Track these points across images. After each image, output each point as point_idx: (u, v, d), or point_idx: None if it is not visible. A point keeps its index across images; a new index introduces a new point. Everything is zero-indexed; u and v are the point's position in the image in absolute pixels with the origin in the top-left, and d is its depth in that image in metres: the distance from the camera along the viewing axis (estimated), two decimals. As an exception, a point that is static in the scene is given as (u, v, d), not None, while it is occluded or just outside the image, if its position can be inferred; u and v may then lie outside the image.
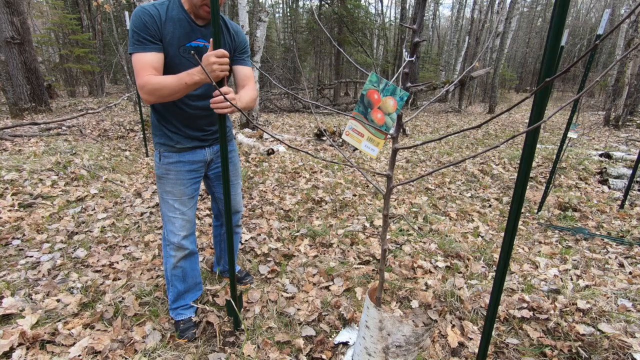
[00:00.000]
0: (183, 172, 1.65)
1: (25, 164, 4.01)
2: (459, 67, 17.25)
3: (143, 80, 1.37)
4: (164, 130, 1.61)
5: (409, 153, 5.95)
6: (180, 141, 1.62)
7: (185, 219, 1.69)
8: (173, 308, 1.80)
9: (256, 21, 7.24)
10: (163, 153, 1.62)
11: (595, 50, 3.82)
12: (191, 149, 1.66)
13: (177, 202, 1.66)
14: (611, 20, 15.86)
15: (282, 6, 22.91)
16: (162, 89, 1.36)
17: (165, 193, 1.65)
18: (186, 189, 1.67)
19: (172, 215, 1.66)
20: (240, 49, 1.64)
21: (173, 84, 1.35)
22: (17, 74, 7.54)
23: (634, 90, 8.63)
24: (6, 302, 1.87)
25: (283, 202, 3.48)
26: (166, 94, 1.38)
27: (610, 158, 5.07)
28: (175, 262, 1.71)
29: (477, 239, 2.88)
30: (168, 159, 1.62)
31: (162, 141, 1.62)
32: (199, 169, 1.72)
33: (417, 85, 9.52)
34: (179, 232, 1.68)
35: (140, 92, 1.40)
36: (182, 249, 1.70)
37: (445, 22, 34.16)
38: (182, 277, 1.77)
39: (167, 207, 1.67)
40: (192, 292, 1.84)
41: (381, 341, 1.12)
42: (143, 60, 1.38)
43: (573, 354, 1.64)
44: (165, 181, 1.64)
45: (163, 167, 1.63)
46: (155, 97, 1.39)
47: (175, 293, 1.78)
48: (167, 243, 1.71)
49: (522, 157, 0.95)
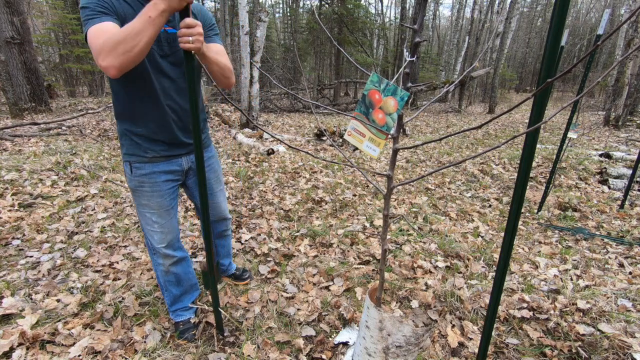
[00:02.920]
0: (159, 182, 1.52)
1: (25, 164, 4.01)
2: (459, 67, 17.25)
3: (100, 42, 1.12)
4: (132, 138, 1.45)
5: (409, 153, 5.95)
6: (152, 148, 1.47)
7: (165, 231, 1.58)
8: (172, 310, 1.78)
9: (256, 21, 7.24)
10: (134, 164, 1.47)
11: (596, 51, 3.80)
12: (166, 158, 1.52)
13: (155, 214, 1.54)
14: (611, 21, 15.87)
15: (282, 6, 22.92)
16: (126, 39, 1.10)
17: (142, 206, 1.53)
18: (164, 201, 1.55)
19: (150, 228, 1.56)
20: (206, 27, 1.49)
21: (136, 25, 1.10)
22: (17, 74, 7.54)
23: (634, 90, 8.63)
24: (6, 302, 1.87)
25: (283, 202, 3.48)
26: (132, 45, 1.11)
27: (610, 158, 5.07)
28: (165, 269, 1.65)
29: (477, 239, 2.88)
30: (140, 170, 1.48)
31: (130, 151, 1.47)
32: (176, 179, 1.60)
33: (417, 85, 9.49)
34: (160, 244, 1.59)
35: (102, 61, 1.13)
36: (169, 257, 1.63)
37: (445, 22, 34.16)
38: (176, 282, 1.71)
39: (144, 220, 1.56)
40: (189, 294, 1.81)
41: (381, 341, 1.12)
42: (99, 29, 1.16)
43: (573, 354, 1.64)
44: (140, 194, 1.51)
45: (136, 179, 1.49)
46: (121, 57, 1.12)
47: (172, 297, 1.73)
48: (152, 251, 1.63)
49: (522, 157, 0.95)
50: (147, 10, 1.10)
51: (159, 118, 1.45)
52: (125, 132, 1.45)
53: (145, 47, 1.14)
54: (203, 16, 1.49)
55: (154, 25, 1.11)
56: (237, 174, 4.27)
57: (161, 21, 1.12)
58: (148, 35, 1.12)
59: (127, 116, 1.43)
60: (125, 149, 1.48)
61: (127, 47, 1.11)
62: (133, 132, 1.44)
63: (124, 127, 1.45)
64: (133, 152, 1.46)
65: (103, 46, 1.11)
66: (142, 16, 1.10)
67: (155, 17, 1.10)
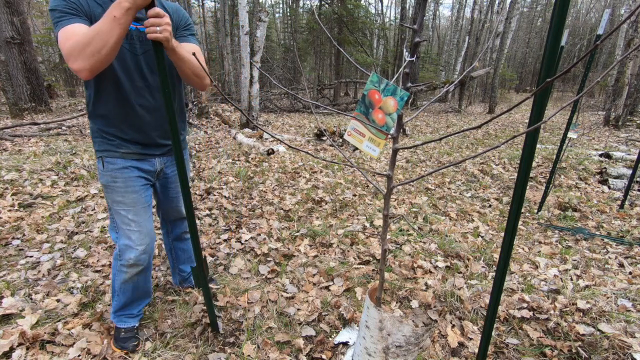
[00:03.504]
0: (132, 178, 1.47)
1: (25, 164, 4.01)
2: (459, 67, 17.26)
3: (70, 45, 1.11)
4: (104, 136, 1.42)
5: (409, 153, 5.95)
6: (126, 146, 1.44)
7: (143, 231, 1.51)
8: (116, 314, 1.66)
9: (256, 21, 7.24)
10: (105, 159, 1.43)
11: (595, 51, 3.83)
12: (139, 156, 1.48)
13: (131, 212, 1.48)
14: (611, 20, 15.87)
15: (282, 6, 22.92)
16: (93, 41, 1.09)
17: (116, 204, 1.47)
18: (139, 197, 1.50)
19: (127, 228, 1.48)
20: (182, 26, 1.47)
21: (102, 26, 1.09)
22: (17, 74, 7.54)
23: (634, 90, 8.63)
24: (6, 302, 1.87)
25: (283, 202, 3.48)
26: (100, 46, 1.10)
27: (610, 158, 5.07)
28: (127, 277, 1.57)
29: (477, 239, 2.88)
30: (112, 165, 1.43)
31: (102, 148, 1.43)
32: (148, 178, 1.56)
33: (417, 85, 9.50)
34: (138, 245, 1.50)
35: (73, 64, 1.12)
36: (138, 265, 1.54)
37: (445, 22, 34.16)
38: (133, 289, 1.63)
39: (120, 219, 1.48)
40: (140, 300, 1.71)
41: (381, 341, 1.12)
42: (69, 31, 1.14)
43: (573, 354, 1.64)
44: (112, 190, 1.45)
45: (107, 174, 1.44)
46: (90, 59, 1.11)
47: (122, 302, 1.64)
48: (118, 258, 1.54)
49: (522, 157, 0.95)
50: (111, 10, 1.08)
51: (132, 119, 1.41)
52: (97, 130, 1.42)
53: (114, 47, 1.12)
54: (178, 15, 1.47)
55: (121, 25, 1.09)
56: (237, 174, 4.27)
57: (127, 20, 1.09)
58: (115, 35, 1.10)
59: (99, 116, 1.40)
60: (98, 146, 1.44)
61: (95, 48, 1.09)
62: (104, 131, 1.41)
63: (96, 126, 1.42)
64: (105, 148, 1.43)
65: (72, 49, 1.10)
66: (107, 16, 1.08)
67: (121, 15, 1.07)
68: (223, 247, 2.63)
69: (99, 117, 1.40)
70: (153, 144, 1.50)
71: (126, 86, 1.35)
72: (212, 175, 4.19)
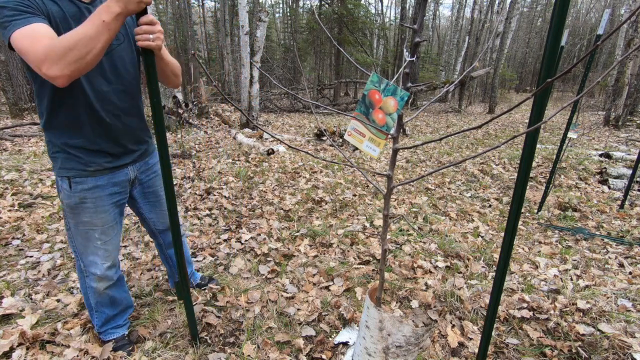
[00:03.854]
0: (104, 197, 1.35)
1: (25, 164, 4.02)
2: (459, 67, 17.26)
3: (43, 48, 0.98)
4: (68, 151, 1.26)
5: (409, 153, 5.95)
6: (94, 160, 1.30)
7: (109, 248, 1.43)
8: (101, 331, 1.61)
9: (256, 21, 7.24)
10: (73, 179, 1.28)
11: (595, 51, 3.81)
12: (110, 170, 1.35)
13: (98, 231, 1.38)
14: (611, 21, 15.87)
15: (282, 6, 22.92)
16: (78, 45, 0.98)
17: (82, 224, 1.35)
18: (109, 216, 1.39)
19: (92, 246, 1.40)
20: None
21: (88, 30, 0.99)
22: (17, 74, 7.55)
23: (634, 90, 8.63)
24: (6, 302, 1.87)
25: (283, 202, 3.48)
26: (85, 52, 1.00)
27: (610, 158, 5.07)
28: (100, 291, 1.50)
29: (477, 239, 2.88)
30: (82, 185, 1.30)
31: (68, 166, 1.27)
32: (122, 190, 1.44)
33: (417, 85, 9.50)
34: (104, 262, 1.43)
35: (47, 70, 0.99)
36: (106, 279, 1.47)
37: (445, 22, 34.17)
38: (110, 303, 1.56)
39: (84, 239, 1.38)
40: (122, 313, 1.65)
41: (381, 341, 1.12)
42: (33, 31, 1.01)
43: (573, 354, 1.64)
44: (80, 211, 1.33)
45: (76, 195, 1.30)
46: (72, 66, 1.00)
47: (104, 318, 1.58)
48: (85, 274, 1.46)
49: (522, 157, 0.95)
50: (99, 14, 1.00)
51: (98, 126, 1.28)
52: (59, 145, 1.27)
53: (99, 53, 1.04)
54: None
55: (109, 30, 1.01)
56: (237, 174, 4.27)
57: (117, 25, 1.02)
58: (103, 40, 1.02)
59: (59, 126, 1.25)
60: (61, 163, 1.28)
61: (80, 54, 0.99)
62: (69, 145, 1.26)
63: (56, 139, 1.26)
64: (72, 166, 1.28)
65: (48, 53, 0.98)
66: (95, 20, 1.00)
67: (110, 21, 1.00)
68: (223, 247, 2.63)
69: (60, 128, 1.25)
70: (124, 152, 1.40)
71: (87, 91, 1.23)
72: (212, 175, 4.19)
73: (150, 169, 1.57)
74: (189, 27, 14.57)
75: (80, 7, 1.18)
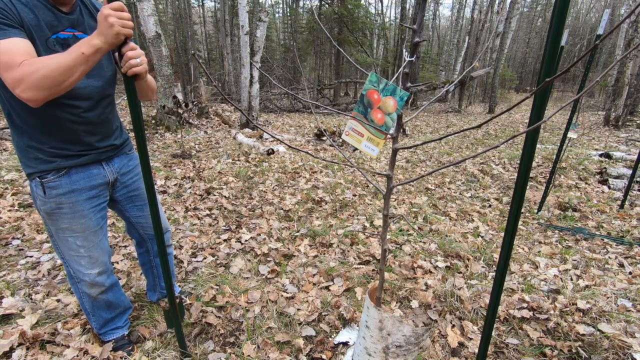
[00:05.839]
0: (81, 202, 1.31)
1: (25, 164, 4.01)
2: (459, 67, 17.26)
3: (20, 71, 0.99)
4: (37, 154, 1.23)
5: (409, 153, 5.95)
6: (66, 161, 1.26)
7: (94, 255, 1.38)
8: (101, 333, 1.60)
9: (256, 21, 7.24)
10: (47, 184, 1.24)
11: (595, 50, 3.83)
12: (82, 166, 1.30)
13: (80, 238, 1.33)
14: (611, 20, 15.86)
15: (282, 6, 22.93)
16: (53, 74, 1.00)
17: (61, 231, 1.31)
18: (89, 221, 1.34)
19: (75, 254, 1.35)
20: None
21: (67, 61, 1.00)
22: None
23: (634, 90, 8.63)
24: (6, 302, 1.87)
25: (283, 202, 3.48)
26: (61, 81, 1.01)
27: (610, 158, 5.07)
28: (93, 296, 1.47)
29: (477, 239, 2.88)
30: (57, 190, 1.25)
31: (40, 168, 1.23)
32: (101, 194, 1.39)
33: (417, 85, 9.54)
34: (91, 269, 1.39)
35: (22, 93, 1.00)
36: (98, 286, 1.44)
37: (445, 22, 34.17)
38: (107, 306, 1.54)
39: (66, 246, 1.34)
40: (121, 315, 1.64)
41: (381, 341, 1.12)
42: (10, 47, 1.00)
43: (573, 354, 1.64)
44: (57, 217, 1.29)
45: (51, 201, 1.26)
46: (46, 92, 1.02)
47: (102, 321, 1.57)
48: (76, 280, 1.43)
49: (522, 157, 0.95)
50: (80, 47, 1.01)
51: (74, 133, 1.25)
52: (29, 149, 1.23)
53: (75, 82, 1.05)
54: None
55: (87, 62, 1.02)
56: (237, 174, 4.27)
57: (96, 59, 1.03)
58: (80, 71, 1.03)
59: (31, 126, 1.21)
60: (32, 167, 1.24)
61: (56, 82, 1.01)
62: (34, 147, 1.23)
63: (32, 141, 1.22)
64: (44, 168, 1.24)
65: (24, 77, 0.99)
66: (74, 52, 1.00)
67: (89, 54, 1.01)
68: (223, 247, 2.63)
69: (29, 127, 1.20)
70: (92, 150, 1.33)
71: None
72: (212, 175, 4.19)
73: (132, 170, 1.52)
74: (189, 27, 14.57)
75: (58, 15, 1.16)
